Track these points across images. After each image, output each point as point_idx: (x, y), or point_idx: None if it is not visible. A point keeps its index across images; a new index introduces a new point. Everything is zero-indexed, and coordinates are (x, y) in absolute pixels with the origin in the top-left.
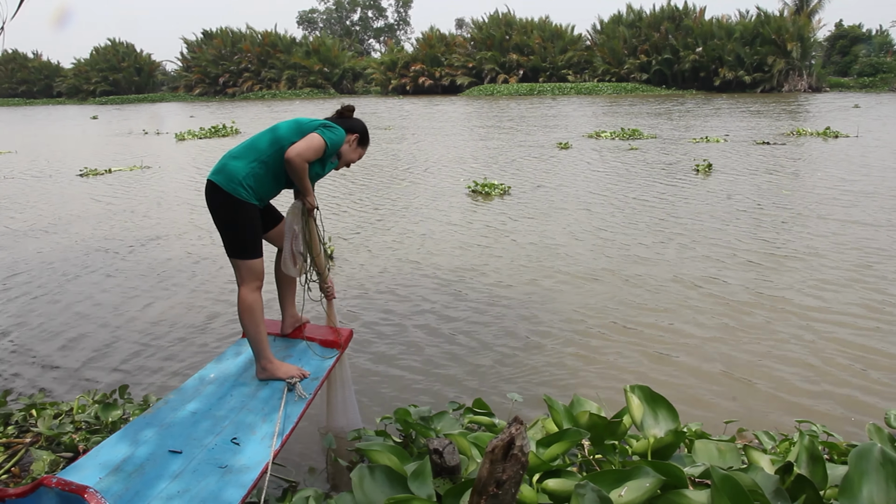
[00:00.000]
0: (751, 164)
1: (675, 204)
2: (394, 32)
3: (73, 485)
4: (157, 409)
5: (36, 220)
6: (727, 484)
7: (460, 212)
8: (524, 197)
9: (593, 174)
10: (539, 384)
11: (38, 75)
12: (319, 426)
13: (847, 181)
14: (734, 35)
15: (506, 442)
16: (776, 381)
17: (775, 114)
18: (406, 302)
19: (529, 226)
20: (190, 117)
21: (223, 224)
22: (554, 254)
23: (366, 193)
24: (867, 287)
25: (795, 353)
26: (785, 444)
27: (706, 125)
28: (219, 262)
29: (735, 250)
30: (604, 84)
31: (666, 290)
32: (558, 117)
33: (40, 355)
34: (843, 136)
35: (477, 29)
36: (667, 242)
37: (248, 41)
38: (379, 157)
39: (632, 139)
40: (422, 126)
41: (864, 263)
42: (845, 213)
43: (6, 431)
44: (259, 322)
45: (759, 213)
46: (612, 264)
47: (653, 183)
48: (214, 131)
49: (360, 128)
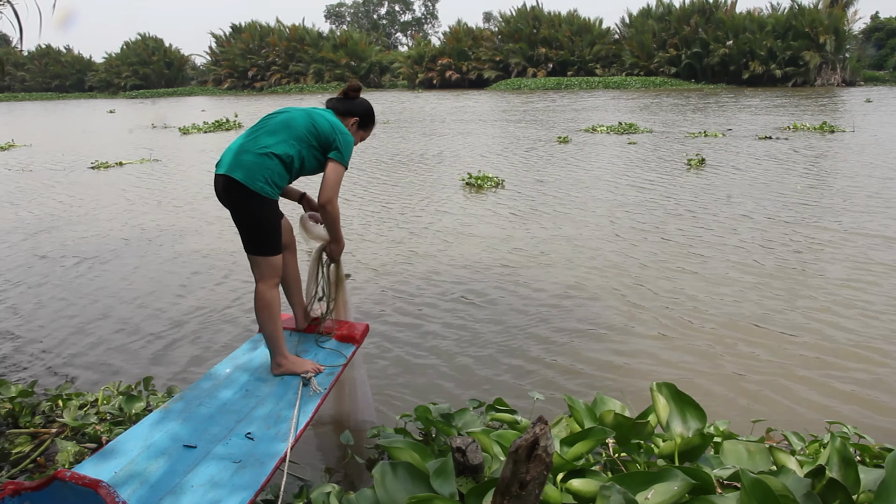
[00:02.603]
0: (738, 160)
1: (678, 198)
2: (421, 26)
3: (87, 479)
4: (173, 403)
5: (52, 211)
6: (758, 488)
7: (462, 205)
8: (520, 190)
9: (588, 168)
10: (563, 383)
11: (70, 70)
12: (331, 415)
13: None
14: (766, 28)
15: (530, 442)
16: (805, 380)
17: (792, 108)
18: (414, 300)
19: (537, 220)
20: (202, 111)
21: (247, 221)
22: (570, 247)
23: (378, 189)
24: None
25: (823, 352)
26: (815, 445)
27: (715, 120)
28: (236, 256)
29: (746, 244)
30: (632, 78)
31: (687, 286)
32: (580, 111)
33: (67, 346)
34: (840, 132)
35: (504, 23)
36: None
37: (275, 35)
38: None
39: (628, 133)
40: (421, 120)
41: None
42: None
43: (33, 421)
44: (276, 318)
45: (781, 209)
46: (627, 259)
47: (645, 177)
48: (218, 125)
49: (362, 110)
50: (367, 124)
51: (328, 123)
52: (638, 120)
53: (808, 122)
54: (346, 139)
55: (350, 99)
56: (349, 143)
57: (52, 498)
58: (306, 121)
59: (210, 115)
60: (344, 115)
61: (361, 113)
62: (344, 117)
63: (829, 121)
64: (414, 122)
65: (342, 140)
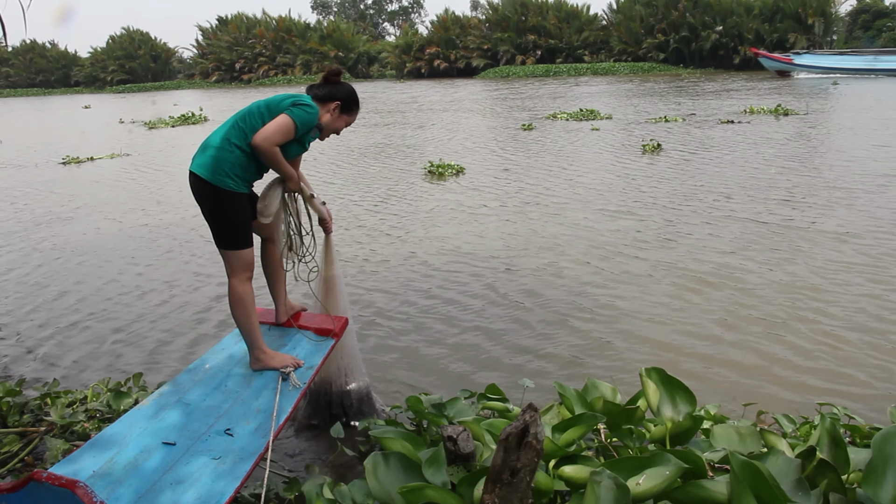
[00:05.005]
0: (688, 143)
1: (658, 185)
2: (408, 15)
3: (64, 479)
4: (151, 400)
5: (26, 210)
6: (747, 470)
7: (419, 194)
8: (481, 177)
9: (548, 154)
10: (552, 370)
11: (55, 65)
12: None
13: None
14: (753, 12)
15: (520, 429)
16: (794, 363)
17: (766, 92)
18: (398, 291)
19: (502, 208)
20: (174, 105)
21: (212, 216)
22: (538, 235)
23: (363, 181)
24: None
25: (813, 334)
26: (806, 427)
27: (687, 104)
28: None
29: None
30: (620, 64)
31: (671, 274)
32: (555, 98)
33: (57, 343)
34: (794, 114)
35: (492, 10)
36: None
37: (262, 27)
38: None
39: (587, 120)
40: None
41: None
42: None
43: (22, 420)
44: (251, 313)
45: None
46: (608, 249)
47: (605, 161)
48: (184, 119)
49: (344, 94)
50: (350, 108)
51: (280, 95)
52: (614, 105)
53: (754, 105)
54: (305, 108)
55: (331, 84)
56: (309, 113)
57: (30, 498)
58: (261, 104)
59: (181, 109)
60: (324, 100)
61: (343, 97)
62: (324, 102)
63: (783, 104)
64: (391, 112)
65: (296, 100)
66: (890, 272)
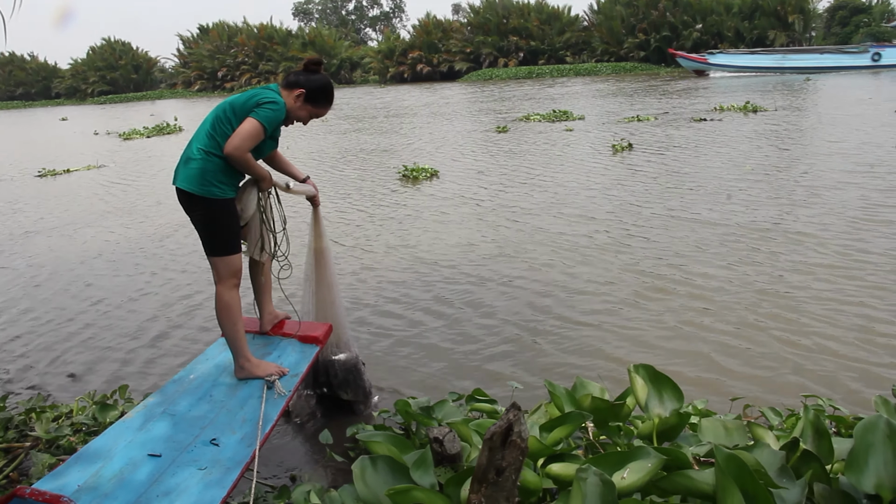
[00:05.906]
0: (659, 141)
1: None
2: (389, 20)
3: (48, 495)
4: (137, 412)
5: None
6: (732, 463)
7: (395, 198)
8: (456, 180)
9: (523, 155)
10: (541, 370)
11: (35, 77)
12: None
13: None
14: (732, 10)
15: (504, 428)
16: (781, 356)
17: (741, 89)
18: (383, 295)
19: (479, 210)
20: (150, 115)
21: (203, 226)
22: (520, 236)
23: (352, 190)
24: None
25: (800, 327)
26: (791, 419)
27: (663, 104)
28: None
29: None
30: (602, 64)
31: (661, 271)
32: (530, 99)
33: (42, 358)
34: (762, 111)
35: (473, 14)
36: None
37: (244, 34)
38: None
39: (560, 121)
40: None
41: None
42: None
43: (6, 436)
44: (237, 320)
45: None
46: (581, 252)
47: (576, 161)
48: (158, 129)
49: (312, 85)
50: (317, 99)
51: (245, 94)
52: (588, 106)
53: (723, 104)
54: (270, 105)
55: (309, 72)
56: (275, 110)
57: None
58: (226, 107)
59: (157, 120)
60: (289, 86)
61: (311, 87)
62: (289, 89)
63: (751, 101)
64: (364, 119)
65: (260, 99)
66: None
